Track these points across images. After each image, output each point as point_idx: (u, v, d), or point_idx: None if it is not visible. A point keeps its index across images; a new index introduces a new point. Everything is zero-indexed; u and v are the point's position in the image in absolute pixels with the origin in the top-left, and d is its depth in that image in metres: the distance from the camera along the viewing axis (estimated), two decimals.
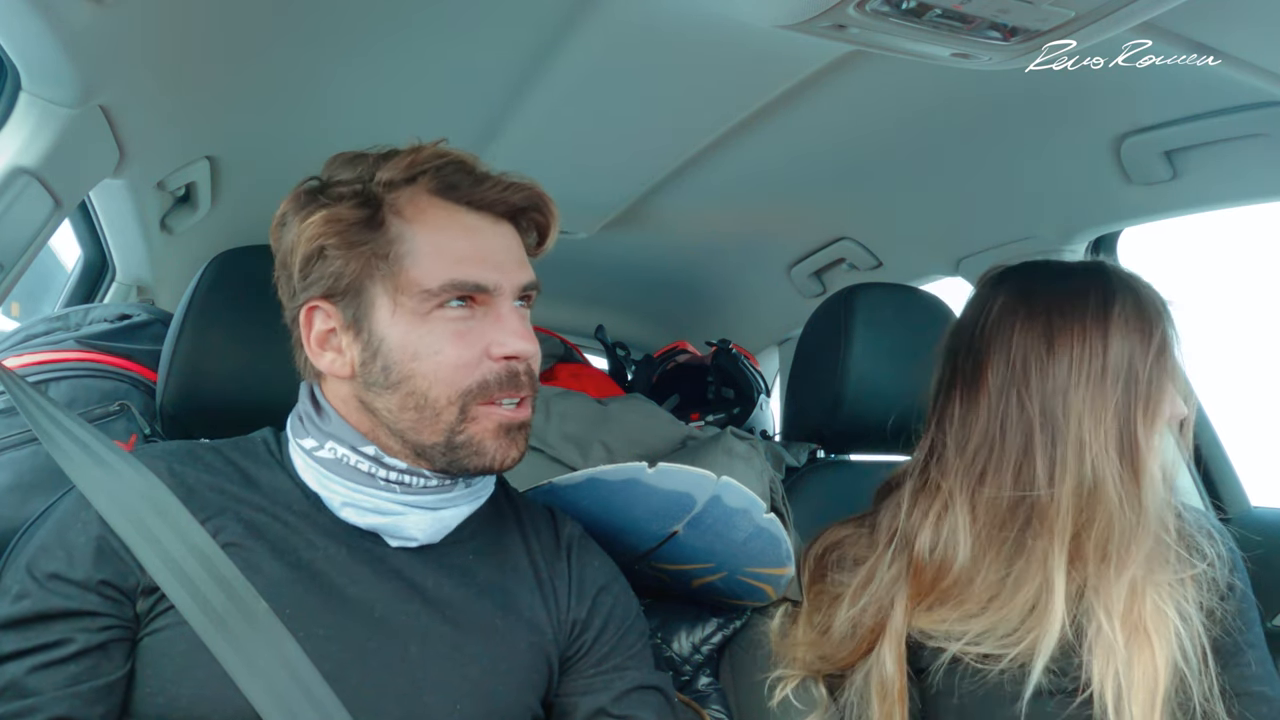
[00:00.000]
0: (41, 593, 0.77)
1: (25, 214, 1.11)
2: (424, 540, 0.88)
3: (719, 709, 1.19)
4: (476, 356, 0.85)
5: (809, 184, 1.76)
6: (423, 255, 0.85)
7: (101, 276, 1.88)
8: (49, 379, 1.21)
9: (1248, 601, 1.06)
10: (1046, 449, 1.03)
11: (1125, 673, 0.96)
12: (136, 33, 1.06)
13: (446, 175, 0.87)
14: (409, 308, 0.84)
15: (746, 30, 1.06)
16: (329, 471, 0.87)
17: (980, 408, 1.07)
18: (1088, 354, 1.03)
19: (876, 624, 1.06)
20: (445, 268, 0.84)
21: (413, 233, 0.85)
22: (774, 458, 1.45)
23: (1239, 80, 1.11)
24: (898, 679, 1.03)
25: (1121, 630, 0.98)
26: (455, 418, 0.84)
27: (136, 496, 0.81)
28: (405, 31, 1.22)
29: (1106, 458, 1.00)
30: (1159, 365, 1.03)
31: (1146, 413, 1.02)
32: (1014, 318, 1.07)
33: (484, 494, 0.94)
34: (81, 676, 0.75)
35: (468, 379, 0.84)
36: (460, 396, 0.84)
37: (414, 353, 0.84)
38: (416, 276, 0.84)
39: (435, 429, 0.85)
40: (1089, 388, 1.02)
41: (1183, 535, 1.05)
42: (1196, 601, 1.01)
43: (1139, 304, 1.05)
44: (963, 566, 1.04)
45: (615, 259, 2.26)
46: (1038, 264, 1.14)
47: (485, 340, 0.85)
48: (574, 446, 1.28)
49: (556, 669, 0.92)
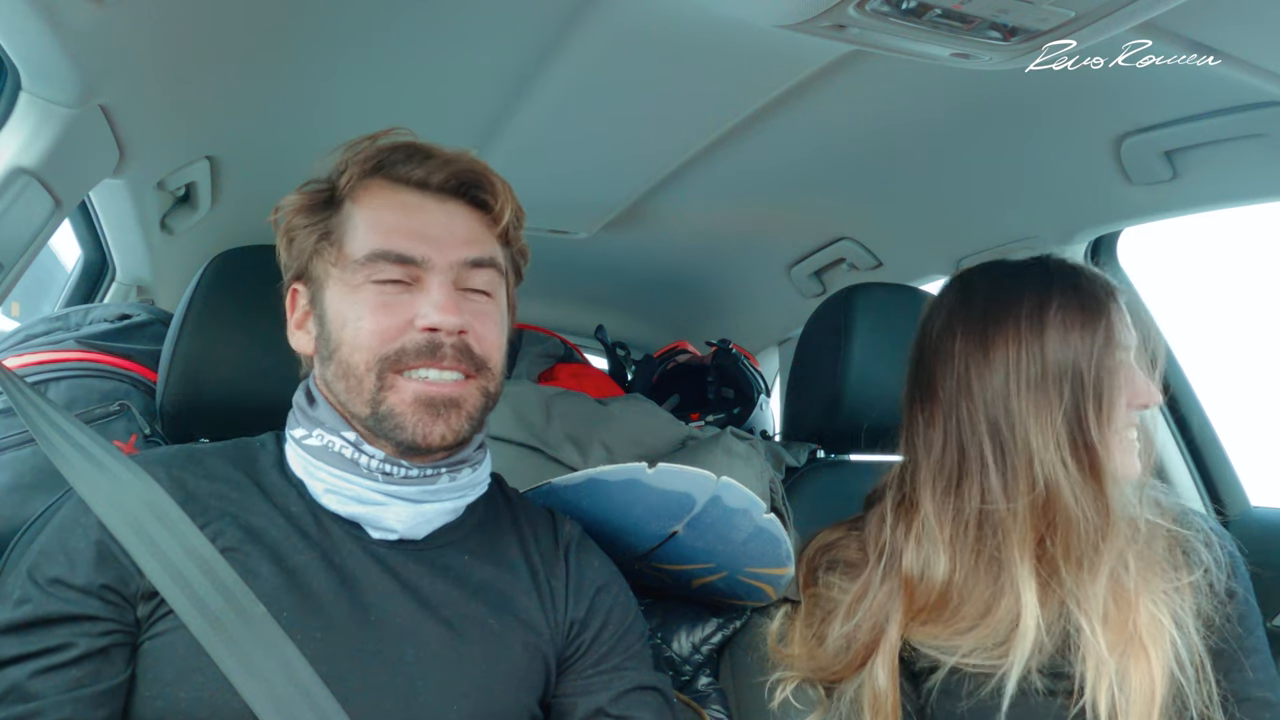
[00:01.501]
0: (43, 597, 0.77)
1: (25, 214, 1.11)
2: (403, 533, 0.88)
3: (719, 709, 1.19)
4: (399, 326, 0.86)
5: (809, 184, 1.76)
6: (358, 230, 0.89)
7: (101, 276, 1.88)
8: (49, 379, 1.21)
9: (1249, 606, 1.05)
10: (998, 460, 1.02)
11: (1121, 683, 0.96)
12: (136, 33, 1.06)
13: (389, 156, 0.91)
14: (342, 280, 0.88)
15: (746, 30, 1.06)
16: (314, 458, 0.88)
17: (937, 421, 1.07)
18: (1024, 358, 1.01)
19: (871, 639, 1.06)
20: (374, 239, 0.87)
21: (357, 210, 0.90)
22: (774, 458, 1.45)
23: (1239, 80, 1.11)
24: (891, 693, 1.03)
25: (1115, 638, 0.97)
26: (374, 385, 0.85)
27: (135, 501, 0.82)
28: (406, 32, 1.22)
29: (1059, 463, 0.99)
30: (1106, 358, 1.00)
31: (1099, 410, 1.00)
32: (956, 326, 1.07)
33: (471, 491, 0.94)
34: (83, 681, 0.76)
35: (385, 347, 0.85)
36: (377, 363, 0.85)
37: (343, 321, 0.87)
38: (349, 250, 0.88)
39: (361, 398, 0.86)
40: (1030, 393, 1.00)
41: (1178, 541, 1.04)
42: (1194, 608, 1.01)
43: (1078, 298, 1.02)
44: (945, 582, 1.04)
45: (615, 259, 2.26)
46: (983, 267, 1.13)
47: (410, 311, 0.86)
48: (574, 446, 1.28)
49: (554, 669, 0.92)
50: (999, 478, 1.02)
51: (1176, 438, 1.66)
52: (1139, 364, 1.04)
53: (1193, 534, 1.05)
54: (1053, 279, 1.05)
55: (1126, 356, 1.03)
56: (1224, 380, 1.94)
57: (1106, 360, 1.00)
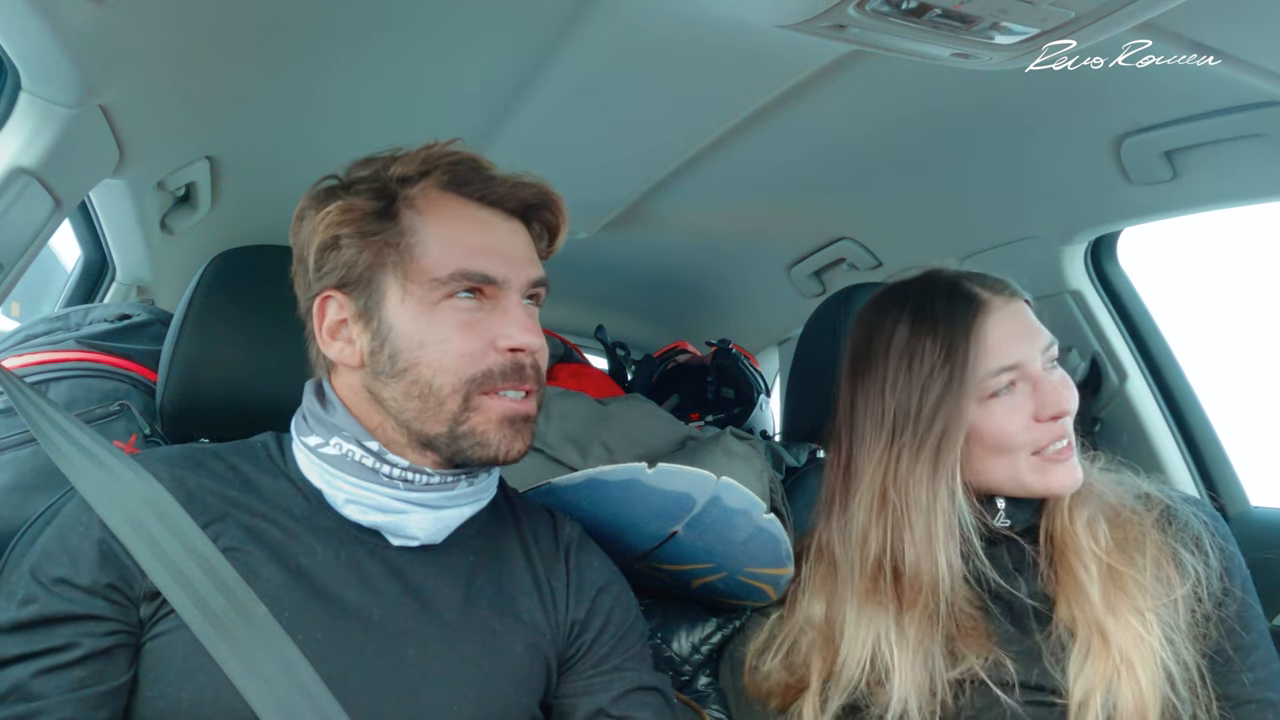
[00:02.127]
0: (48, 597, 0.77)
1: (25, 214, 1.11)
2: (425, 539, 0.88)
3: (718, 709, 1.19)
4: (482, 348, 0.85)
5: (809, 184, 1.76)
6: (433, 245, 0.86)
7: (101, 276, 1.88)
8: (49, 379, 1.21)
9: (1247, 604, 1.02)
10: (845, 505, 1.06)
11: (1110, 707, 0.94)
12: (136, 33, 1.06)
13: (459, 170, 0.89)
14: (418, 296, 0.85)
15: (746, 30, 1.06)
16: (333, 468, 0.87)
17: (829, 459, 1.12)
18: (870, 404, 1.04)
19: (795, 682, 1.07)
20: (455, 257, 0.85)
21: (424, 224, 0.87)
22: (774, 458, 1.45)
23: (1239, 80, 1.11)
24: None
25: (1102, 664, 0.96)
26: (458, 407, 0.85)
27: (137, 500, 0.82)
28: (405, 32, 1.22)
29: (872, 513, 1.01)
30: (942, 389, 0.99)
31: (937, 449, 0.99)
32: (841, 370, 1.11)
33: (486, 495, 0.94)
34: (86, 681, 0.76)
35: (472, 368, 0.85)
36: (464, 385, 0.85)
37: (420, 341, 0.85)
38: (427, 265, 0.85)
39: (439, 418, 0.85)
40: (868, 441, 1.03)
41: (1165, 550, 1.02)
42: (1186, 618, 0.99)
43: (916, 326, 1.02)
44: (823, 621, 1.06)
45: (615, 259, 2.26)
46: (870, 299, 1.13)
47: (492, 332, 0.86)
48: (574, 446, 1.28)
49: (555, 670, 0.92)
50: (840, 515, 1.06)
51: (1176, 437, 1.66)
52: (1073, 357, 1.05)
53: (1182, 538, 1.02)
54: (906, 304, 1.05)
55: (1001, 378, 1.00)
56: (1224, 380, 1.94)
57: (954, 392, 0.99)
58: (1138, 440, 1.64)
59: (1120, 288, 1.69)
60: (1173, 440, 1.65)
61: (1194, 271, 2.41)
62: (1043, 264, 1.64)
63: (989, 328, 1.01)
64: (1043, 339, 1.03)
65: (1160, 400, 1.66)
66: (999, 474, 1.02)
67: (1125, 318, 1.68)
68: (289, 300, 0.97)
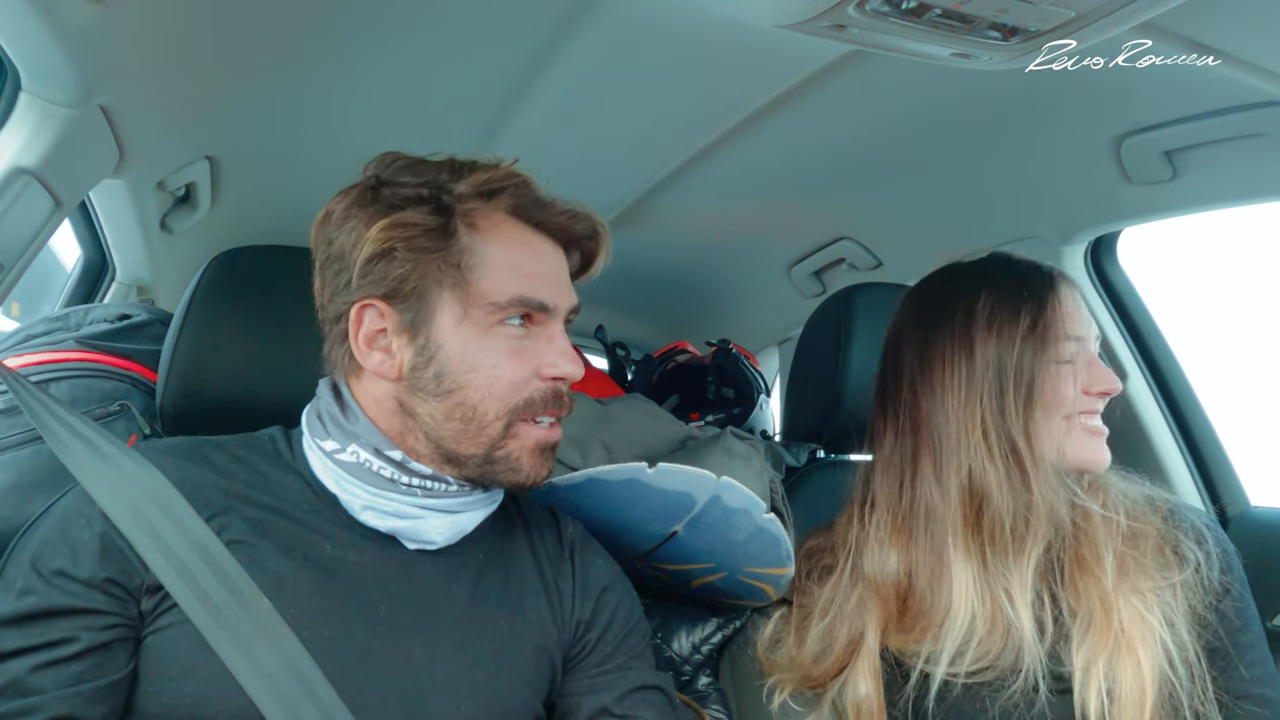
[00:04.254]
0: (47, 589, 0.77)
1: (25, 214, 1.11)
2: (442, 543, 0.89)
3: (719, 709, 1.19)
4: (528, 375, 0.87)
5: (809, 184, 1.76)
6: (494, 269, 0.86)
7: (101, 276, 1.88)
8: (49, 379, 1.21)
9: (1244, 603, 1.04)
10: (935, 455, 1.06)
11: (1110, 686, 0.96)
12: (136, 33, 1.06)
13: (522, 196, 0.89)
14: (473, 318, 0.85)
15: (746, 30, 1.06)
16: (349, 475, 0.87)
17: (888, 420, 1.12)
18: (956, 363, 1.06)
19: (849, 644, 1.07)
20: (515, 283, 0.86)
21: (484, 245, 0.86)
22: (774, 458, 1.45)
23: (1239, 80, 1.11)
24: (875, 699, 1.04)
25: (1100, 639, 0.98)
26: (499, 433, 0.86)
27: (140, 492, 0.81)
28: (405, 32, 1.22)
29: (988, 460, 1.03)
30: (1032, 349, 1.04)
31: (1029, 402, 1.04)
32: (905, 329, 1.14)
33: (498, 498, 0.95)
34: (85, 676, 0.75)
35: (517, 396, 0.86)
36: (508, 413, 0.86)
37: (471, 364, 0.85)
38: (486, 289, 0.85)
39: (478, 442, 0.86)
40: (960, 396, 1.05)
41: (1167, 540, 1.04)
42: (1186, 607, 1.01)
43: (1004, 293, 1.07)
44: (898, 581, 1.07)
45: (615, 259, 2.25)
46: (934, 275, 1.18)
47: (537, 360, 0.87)
48: (574, 446, 1.28)
49: (560, 669, 0.92)
50: (933, 470, 1.06)
51: (1176, 437, 1.66)
52: (1100, 351, 1.09)
53: (1183, 531, 1.05)
54: (987, 276, 1.11)
55: (1071, 346, 1.06)
56: (1224, 380, 1.94)
57: (1032, 352, 1.04)
58: (1138, 440, 1.64)
59: (1120, 288, 1.69)
60: (1173, 440, 1.65)
61: (1194, 271, 2.41)
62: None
63: (1064, 299, 1.07)
64: (1094, 325, 1.10)
65: (1160, 400, 1.67)
66: (1046, 440, 1.05)
67: (1125, 318, 1.68)
68: (289, 300, 0.97)
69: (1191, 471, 1.64)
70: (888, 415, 1.13)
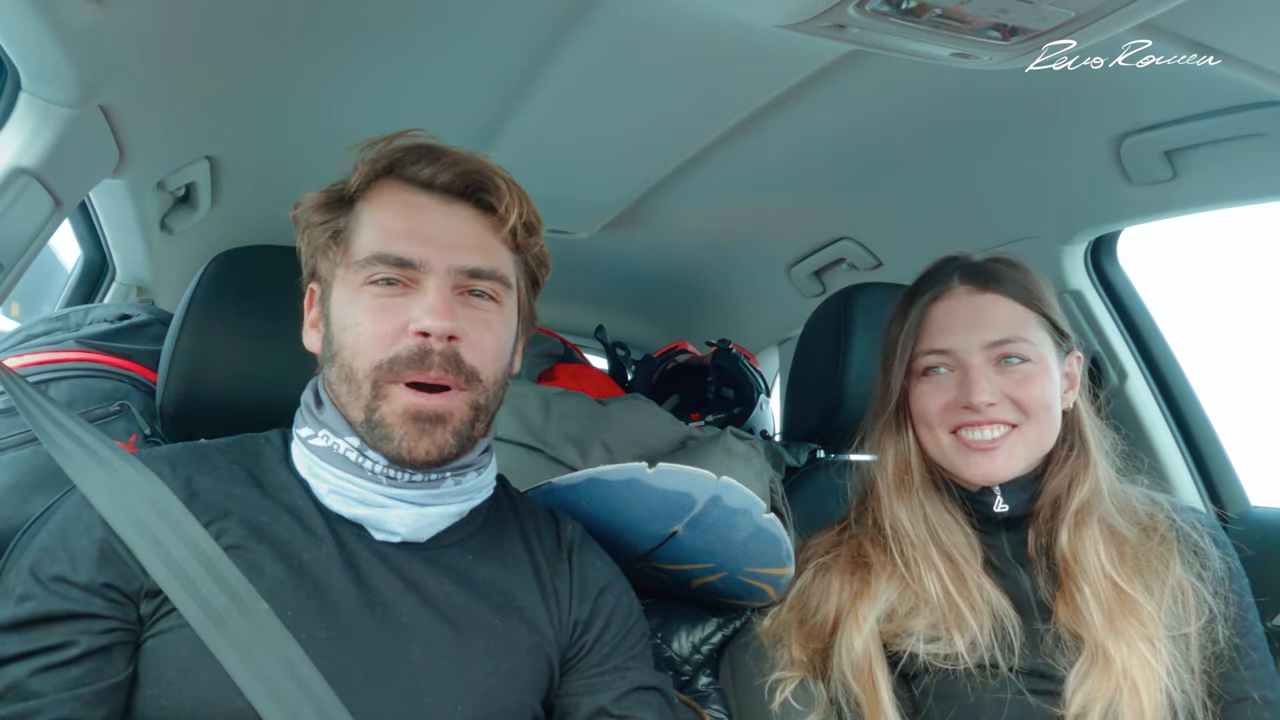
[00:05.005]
0: (45, 595, 0.77)
1: (25, 214, 1.11)
2: (406, 535, 0.88)
3: (719, 709, 1.19)
4: (394, 332, 0.85)
5: (809, 184, 1.76)
6: (363, 231, 0.88)
7: (101, 276, 1.88)
8: (49, 379, 1.21)
9: (1245, 606, 1.05)
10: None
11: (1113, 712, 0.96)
12: (136, 33, 1.06)
13: (402, 157, 0.90)
14: (346, 280, 0.88)
15: (746, 30, 1.06)
16: (319, 459, 0.88)
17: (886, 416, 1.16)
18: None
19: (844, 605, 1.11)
20: (375, 241, 0.87)
21: (363, 211, 0.89)
22: (774, 458, 1.45)
23: (1239, 80, 1.11)
24: (866, 660, 1.06)
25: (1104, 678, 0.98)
26: (370, 393, 0.85)
27: (138, 498, 0.81)
28: (405, 32, 1.22)
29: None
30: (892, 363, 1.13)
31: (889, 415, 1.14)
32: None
33: (479, 495, 0.94)
34: (84, 679, 0.75)
35: (382, 353, 0.85)
36: (374, 370, 0.85)
37: (343, 324, 0.87)
38: (353, 251, 0.88)
39: (358, 404, 0.86)
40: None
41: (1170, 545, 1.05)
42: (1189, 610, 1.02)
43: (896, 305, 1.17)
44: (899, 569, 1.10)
45: (615, 259, 2.26)
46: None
47: (406, 316, 0.85)
48: (574, 446, 1.28)
49: (558, 669, 0.92)
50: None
51: (1176, 437, 1.66)
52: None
53: (1186, 536, 1.06)
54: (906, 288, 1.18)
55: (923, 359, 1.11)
56: (1224, 380, 1.94)
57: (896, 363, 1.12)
58: (1138, 440, 1.64)
59: (1120, 287, 1.69)
60: (1173, 440, 1.65)
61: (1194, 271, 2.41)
62: (1043, 264, 1.63)
63: (937, 313, 1.12)
64: (990, 334, 1.08)
65: (1160, 400, 1.66)
66: (932, 448, 1.11)
67: (1125, 317, 1.68)
68: (289, 300, 0.97)
69: (1191, 471, 1.64)
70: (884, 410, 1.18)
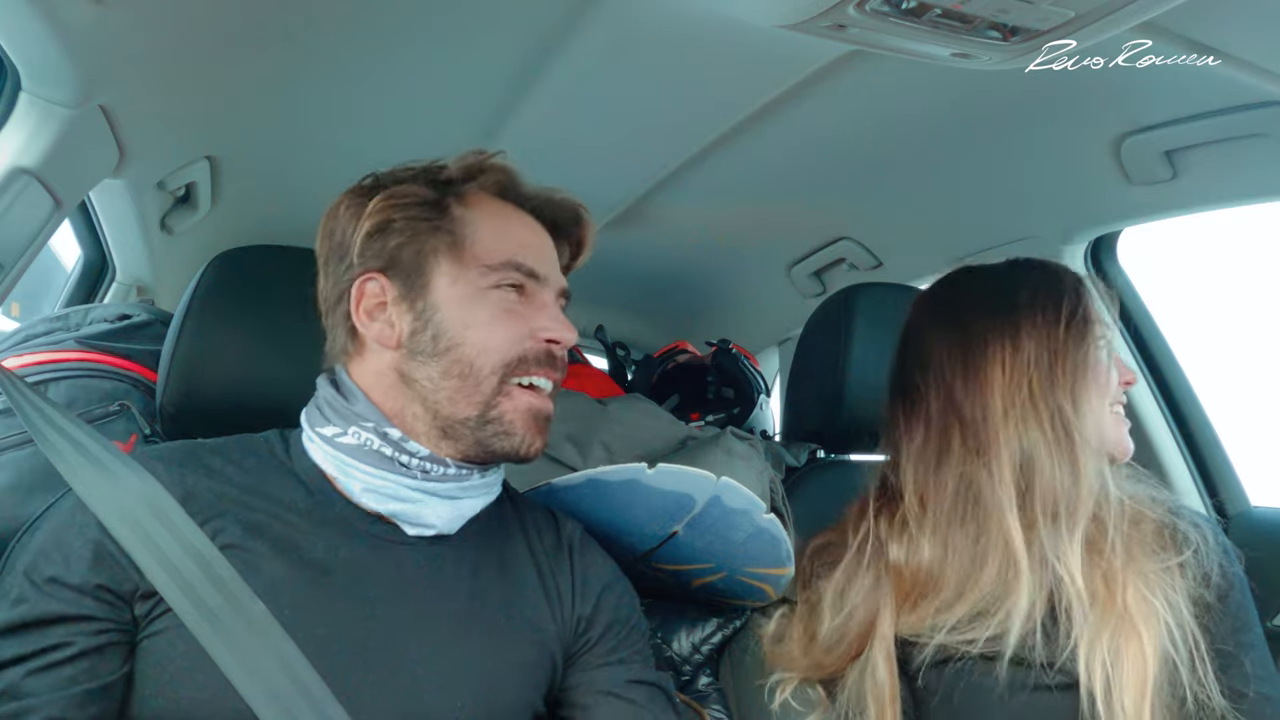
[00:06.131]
0: (39, 597, 0.77)
1: (25, 214, 1.11)
2: (441, 529, 0.89)
3: (719, 709, 1.19)
4: (522, 335, 0.90)
5: (809, 184, 1.76)
6: (486, 235, 0.91)
7: (101, 276, 1.88)
8: (49, 379, 1.21)
9: (1245, 602, 1.05)
10: (981, 441, 1.06)
11: (1114, 662, 0.97)
12: (136, 33, 1.06)
13: (503, 178, 0.95)
14: (467, 280, 0.89)
15: (746, 30, 1.06)
16: (350, 457, 0.88)
17: (919, 413, 1.11)
18: (1002, 346, 1.07)
19: (864, 630, 1.07)
20: (508, 248, 0.91)
21: (475, 217, 0.92)
22: (774, 458, 1.45)
23: (1239, 80, 1.11)
24: (889, 683, 1.04)
25: (1104, 616, 0.99)
26: (493, 389, 0.88)
27: (133, 498, 0.81)
28: (405, 32, 1.22)
29: (1039, 433, 1.04)
30: (1077, 334, 1.06)
31: (1076, 381, 1.06)
32: (925, 330, 1.14)
33: (496, 488, 0.95)
34: (78, 679, 0.75)
35: (512, 351, 0.89)
36: (502, 367, 0.88)
37: (466, 322, 0.88)
38: (479, 253, 0.90)
39: (472, 400, 0.88)
40: (1008, 374, 1.06)
41: (1166, 527, 1.06)
42: (1186, 591, 1.02)
43: (1041, 284, 1.10)
44: (931, 566, 1.07)
45: (615, 259, 2.26)
46: (959, 270, 1.21)
47: (531, 323, 0.91)
48: (574, 446, 1.28)
49: (560, 666, 0.92)
50: (977, 452, 1.06)
51: (1176, 437, 1.66)
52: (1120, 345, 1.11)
53: (1183, 521, 1.07)
54: (1017, 271, 1.14)
55: (1107, 335, 1.09)
56: (1224, 380, 1.94)
57: (1083, 338, 1.07)
58: (1138, 440, 1.63)
59: (1120, 288, 1.69)
60: (1173, 440, 1.66)
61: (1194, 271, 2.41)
62: None
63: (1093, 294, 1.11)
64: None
65: (1160, 400, 1.67)
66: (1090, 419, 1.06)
67: (1125, 318, 1.68)
68: (289, 300, 0.97)
69: (1191, 471, 1.65)
70: (914, 408, 1.12)
